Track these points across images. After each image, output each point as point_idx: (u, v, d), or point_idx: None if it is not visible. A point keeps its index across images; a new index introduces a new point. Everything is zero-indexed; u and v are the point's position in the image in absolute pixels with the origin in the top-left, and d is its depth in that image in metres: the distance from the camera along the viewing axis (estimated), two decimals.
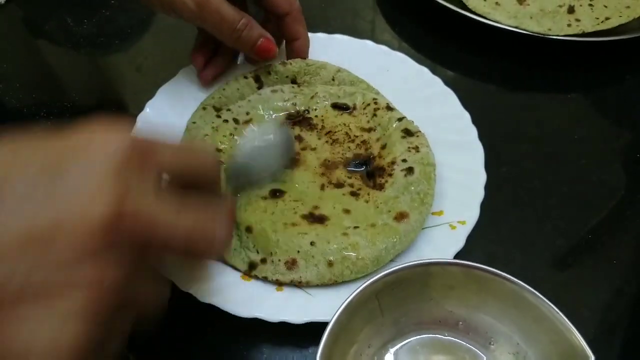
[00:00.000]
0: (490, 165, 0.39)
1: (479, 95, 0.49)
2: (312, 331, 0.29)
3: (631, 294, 0.37)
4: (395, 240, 0.34)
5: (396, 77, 0.45)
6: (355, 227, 0.35)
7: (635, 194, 0.43)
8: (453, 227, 0.36)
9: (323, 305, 0.32)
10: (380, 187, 0.38)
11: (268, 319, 0.32)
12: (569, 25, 0.50)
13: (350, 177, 0.39)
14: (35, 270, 0.18)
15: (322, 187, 0.38)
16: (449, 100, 0.43)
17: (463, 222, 0.36)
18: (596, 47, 0.51)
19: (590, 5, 0.51)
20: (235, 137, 0.41)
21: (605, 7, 0.51)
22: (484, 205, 0.37)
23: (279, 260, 0.34)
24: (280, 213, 0.36)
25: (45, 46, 0.54)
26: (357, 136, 0.41)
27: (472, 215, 0.36)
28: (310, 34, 0.47)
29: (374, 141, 0.41)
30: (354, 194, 0.38)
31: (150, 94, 0.43)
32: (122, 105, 0.47)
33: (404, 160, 0.38)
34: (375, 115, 0.42)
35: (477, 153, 0.39)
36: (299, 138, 0.41)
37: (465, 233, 0.35)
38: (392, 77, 0.45)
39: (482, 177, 0.38)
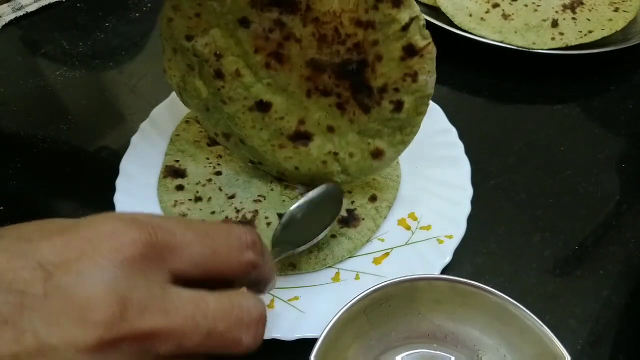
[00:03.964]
0: (477, 178, 0.40)
1: (465, 110, 0.50)
2: (302, 347, 0.30)
3: (618, 304, 0.37)
4: (368, 174, 0.38)
5: None
6: (335, 154, 0.37)
7: (621, 204, 0.43)
8: (440, 242, 0.37)
9: (313, 322, 0.33)
10: (366, 110, 0.34)
11: None
12: (552, 38, 0.51)
13: (338, 86, 0.34)
14: None
15: (309, 94, 0.35)
16: (436, 116, 0.44)
17: (450, 236, 0.37)
18: (580, 59, 0.52)
19: (574, 19, 0.53)
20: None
21: (588, 20, 0.52)
22: (471, 219, 0.38)
23: (273, 170, 0.38)
24: (267, 130, 0.37)
25: (41, 69, 0.55)
26: (349, 35, 0.32)
27: (459, 229, 0.37)
28: None
29: (370, 45, 0.32)
30: (340, 106, 0.35)
31: (144, 115, 0.44)
32: (117, 127, 0.48)
33: (396, 90, 0.33)
34: (376, 7, 0.31)
35: (463, 168, 0.40)
36: (279, 23, 0.33)
37: (453, 247, 0.36)
38: None
39: (469, 191, 0.39)
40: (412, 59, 0.32)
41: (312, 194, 0.37)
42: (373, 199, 0.40)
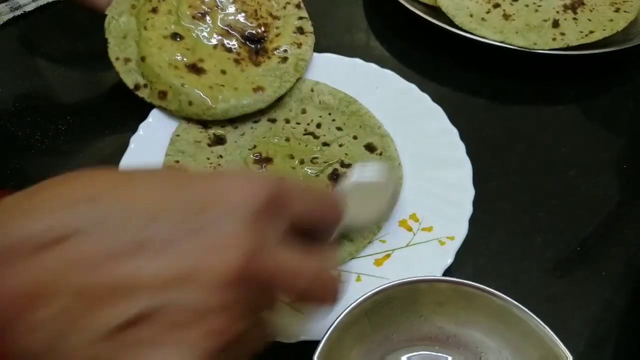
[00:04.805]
0: (478, 179, 0.40)
1: (467, 111, 0.49)
2: (304, 350, 0.29)
3: (620, 306, 0.37)
4: (245, 102, 0.43)
5: (385, 95, 0.46)
6: (222, 85, 0.43)
7: (623, 205, 0.43)
8: (442, 243, 0.36)
9: (315, 324, 0.32)
10: (258, 64, 0.46)
11: None
12: (554, 39, 0.51)
13: (240, 47, 0.46)
14: (169, 309, 0.19)
15: (215, 47, 0.46)
16: (438, 117, 0.44)
17: (452, 238, 0.36)
18: (582, 60, 0.52)
19: (575, 19, 0.52)
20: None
21: (589, 20, 0.52)
22: (472, 220, 0.38)
23: (156, 88, 0.43)
24: (170, 54, 0.44)
25: (40, 69, 0.54)
26: (262, 17, 0.48)
27: (460, 230, 0.37)
28: None
29: (273, 28, 0.48)
30: (236, 61, 0.46)
31: (144, 116, 0.44)
32: (116, 127, 0.47)
33: (285, 51, 0.47)
34: (284, 7, 0.49)
35: (465, 169, 0.40)
36: None
37: (454, 248, 0.36)
38: (381, 95, 0.46)
39: (471, 192, 0.39)
40: (300, 35, 0.48)
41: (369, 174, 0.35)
42: None
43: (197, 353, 0.19)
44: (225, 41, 0.46)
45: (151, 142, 0.42)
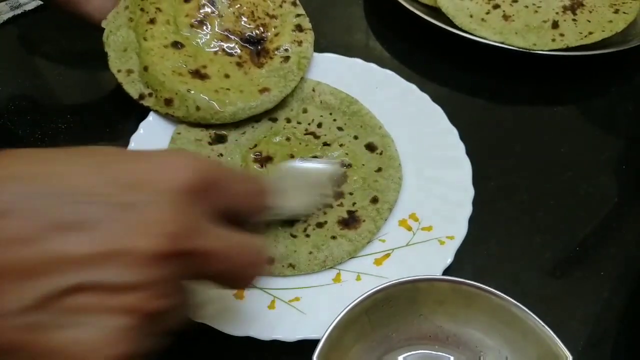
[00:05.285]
0: (478, 179, 0.40)
1: (467, 111, 0.50)
2: (304, 348, 0.29)
3: (619, 306, 0.37)
4: (253, 104, 0.43)
5: (385, 95, 0.46)
6: (228, 89, 0.43)
7: (621, 205, 0.43)
8: (442, 243, 0.36)
9: (315, 323, 0.32)
10: (260, 66, 0.46)
11: (261, 337, 0.32)
12: (553, 40, 0.51)
13: (241, 50, 0.46)
14: (92, 285, 0.20)
15: (216, 52, 0.46)
16: (437, 117, 0.44)
17: (452, 237, 0.37)
18: (581, 60, 0.52)
19: (574, 20, 0.53)
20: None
21: (589, 21, 0.52)
22: (472, 220, 0.38)
23: (161, 96, 0.43)
24: (172, 61, 0.44)
25: (40, 68, 0.54)
26: (259, 18, 0.48)
27: (460, 230, 0.37)
28: None
29: (272, 27, 0.48)
30: (238, 64, 0.46)
31: (144, 114, 0.44)
32: (116, 126, 0.47)
33: (286, 50, 0.46)
34: (281, 6, 0.49)
35: (465, 168, 0.40)
36: (212, 2, 0.47)
37: (454, 248, 0.36)
38: (381, 95, 0.46)
39: (470, 192, 0.39)
40: (300, 33, 0.48)
41: (312, 166, 0.38)
42: (374, 200, 0.39)
43: (119, 326, 0.20)
44: (226, 45, 0.46)
45: (151, 140, 0.42)
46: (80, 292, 0.20)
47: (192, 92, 0.42)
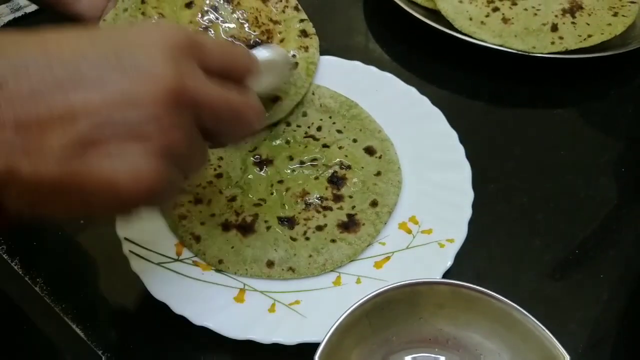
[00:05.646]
0: (477, 182, 0.40)
1: (466, 113, 0.50)
2: (304, 352, 0.30)
3: (618, 308, 0.37)
4: (267, 113, 0.43)
5: (385, 97, 0.46)
6: None
7: (621, 208, 0.43)
8: (442, 246, 0.37)
9: (315, 326, 0.32)
10: None
11: (261, 340, 0.32)
12: (552, 43, 0.51)
13: None
14: (119, 121, 0.22)
15: None
16: (437, 120, 0.44)
17: (451, 240, 0.37)
18: (580, 63, 0.52)
19: (573, 23, 0.53)
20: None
21: (588, 24, 0.53)
22: (472, 223, 0.38)
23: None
24: None
25: None
26: (264, 24, 0.47)
27: (460, 233, 0.37)
28: None
29: (276, 33, 0.48)
30: None
31: None
32: None
33: (293, 56, 0.46)
34: (283, 11, 0.49)
35: (464, 171, 0.40)
36: (214, 8, 0.46)
37: (454, 251, 0.36)
38: (381, 97, 0.46)
39: (470, 195, 0.39)
40: (305, 38, 0.48)
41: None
42: (374, 204, 0.39)
43: (147, 151, 0.23)
44: None
45: None
46: (107, 128, 0.22)
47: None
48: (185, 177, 0.26)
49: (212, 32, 0.46)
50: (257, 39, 0.47)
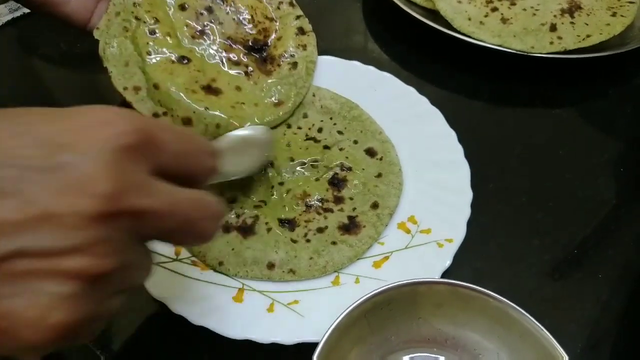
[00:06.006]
0: (476, 182, 0.40)
1: (465, 113, 0.50)
2: (303, 351, 0.29)
3: (617, 308, 0.37)
4: (270, 119, 0.43)
5: (384, 97, 0.46)
6: (242, 103, 0.43)
7: (620, 207, 0.43)
8: (440, 245, 0.37)
9: (314, 326, 0.32)
10: (269, 73, 0.46)
11: (260, 340, 0.32)
12: (551, 43, 0.51)
13: (247, 58, 0.45)
14: (28, 251, 0.19)
15: (223, 64, 0.44)
16: (436, 120, 0.44)
17: (450, 240, 0.37)
18: (579, 63, 0.52)
19: (572, 23, 0.53)
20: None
21: (586, 24, 0.53)
22: (471, 222, 0.38)
23: (178, 116, 0.41)
24: (183, 78, 0.42)
25: (38, 70, 0.54)
26: (260, 22, 0.47)
27: (459, 233, 0.37)
28: None
29: (273, 31, 0.47)
30: (247, 74, 0.45)
31: None
32: None
33: (292, 55, 0.47)
34: (279, 8, 0.48)
35: (463, 171, 0.40)
36: (209, 9, 0.45)
37: (453, 251, 0.36)
38: (380, 97, 0.46)
39: (469, 195, 0.39)
40: (302, 36, 0.48)
41: (245, 132, 0.39)
42: (375, 206, 0.39)
43: (62, 292, 0.19)
44: (231, 55, 0.45)
45: None
46: (18, 258, 0.19)
47: (210, 110, 0.41)
48: (125, 294, 0.23)
49: (209, 34, 0.45)
50: (254, 38, 0.46)
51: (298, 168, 0.42)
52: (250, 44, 0.46)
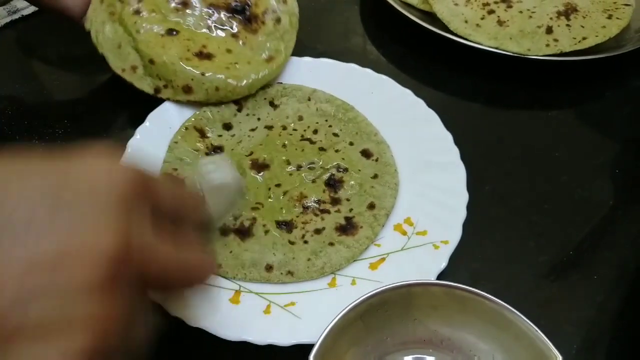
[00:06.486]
0: (473, 184, 0.40)
1: (461, 115, 0.50)
2: (299, 353, 0.30)
3: (613, 310, 0.38)
4: (265, 73, 0.46)
5: (380, 100, 0.46)
6: (235, 64, 0.45)
7: (616, 209, 0.44)
8: (436, 247, 0.37)
9: (310, 328, 0.32)
10: (255, 32, 0.47)
11: (256, 341, 0.32)
12: (547, 45, 0.51)
13: (231, 21, 0.47)
14: (35, 304, 0.17)
15: (209, 29, 0.47)
16: (432, 122, 0.44)
17: (446, 242, 0.37)
18: (575, 65, 0.52)
19: (568, 25, 0.53)
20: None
21: (582, 27, 0.53)
22: (467, 224, 0.38)
23: (178, 85, 0.43)
24: (176, 49, 0.44)
25: (37, 72, 0.55)
26: None
27: (455, 234, 0.37)
28: (296, 58, 0.49)
29: None
30: (234, 36, 0.47)
31: (141, 120, 0.44)
32: (113, 132, 0.48)
33: (274, 11, 0.49)
34: None
35: (459, 173, 0.40)
36: None
37: (448, 252, 0.36)
38: (377, 100, 0.46)
39: (465, 197, 0.39)
40: None
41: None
42: (371, 206, 0.40)
43: (71, 358, 0.18)
44: (215, 20, 0.47)
45: (148, 145, 0.42)
46: (26, 311, 0.17)
47: (207, 74, 0.43)
48: (127, 353, 0.21)
49: (191, 3, 0.47)
50: (235, 1, 0.48)
51: (294, 170, 0.42)
52: (232, 6, 0.48)
